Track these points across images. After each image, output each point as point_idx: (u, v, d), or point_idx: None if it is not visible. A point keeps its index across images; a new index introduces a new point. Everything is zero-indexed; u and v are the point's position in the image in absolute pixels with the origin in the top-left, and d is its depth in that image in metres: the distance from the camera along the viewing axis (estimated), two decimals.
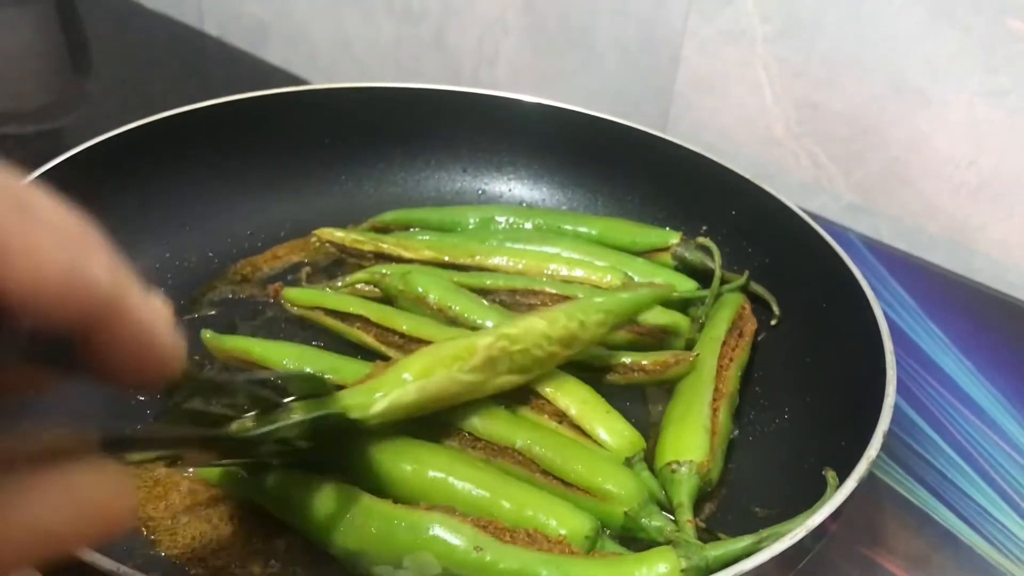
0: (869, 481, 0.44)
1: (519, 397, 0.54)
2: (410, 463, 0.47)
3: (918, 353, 0.67)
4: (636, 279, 0.63)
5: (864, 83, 0.77)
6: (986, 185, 0.74)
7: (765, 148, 0.83)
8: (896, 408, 0.47)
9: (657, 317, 0.59)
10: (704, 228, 0.67)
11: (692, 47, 0.84)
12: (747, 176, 0.65)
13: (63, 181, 0.60)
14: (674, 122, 0.87)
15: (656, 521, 0.47)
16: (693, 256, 0.65)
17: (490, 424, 0.51)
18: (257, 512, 0.48)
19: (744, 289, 0.63)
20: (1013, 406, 0.63)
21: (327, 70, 1.09)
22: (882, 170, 0.79)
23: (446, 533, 0.43)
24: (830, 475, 0.46)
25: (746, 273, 0.63)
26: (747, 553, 0.42)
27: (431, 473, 0.46)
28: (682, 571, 0.42)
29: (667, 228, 0.67)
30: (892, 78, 0.75)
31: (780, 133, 0.82)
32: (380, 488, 0.47)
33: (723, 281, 0.63)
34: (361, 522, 0.44)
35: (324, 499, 0.45)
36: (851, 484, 0.43)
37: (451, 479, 0.46)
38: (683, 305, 0.63)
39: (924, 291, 0.72)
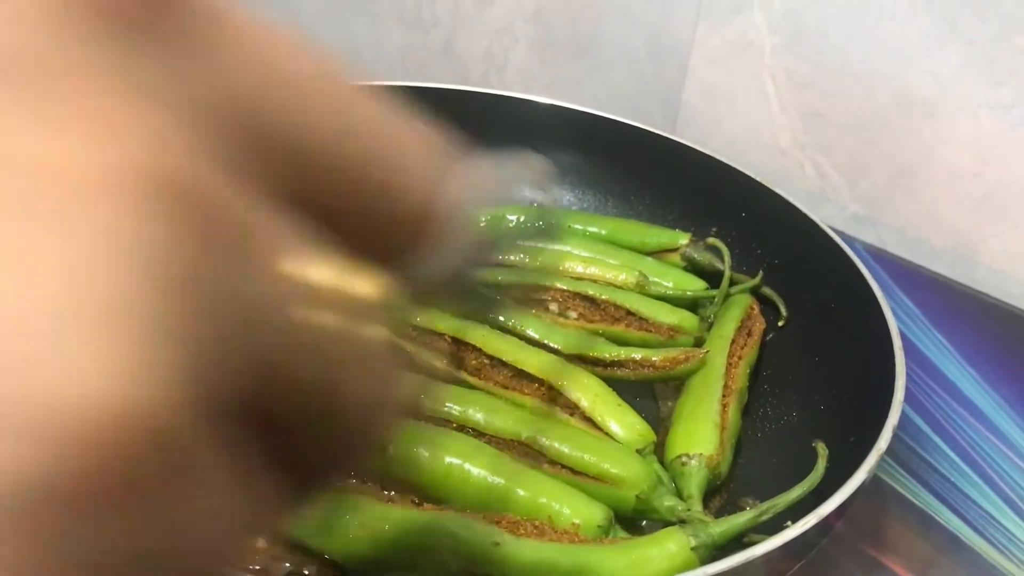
0: (875, 483, 0.45)
1: (531, 390, 0.54)
2: (427, 448, 0.47)
3: (922, 360, 0.67)
4: (649, 278, 0.63)
5: (870, 95, 0.78)
6: (990, 197, 0.75)
7: (771, 158, 0.84)
8: (902, 413, 0.48)
9: (666, 316, 0.60)
10: (714, 229, 0.68)
11: (700, 57, 0.85)
12: (758, 179, 0.66)
13: None
14: (681, 131, 0.88)
15: (668, 501, 0.48)
16: (702, 257, 0.66)
17: (495, 419, 0.51)
18: None
19: (754, 290, 0.64)
20: (1016, 412, 0.64)
21: None
22: (887, 181, 0.79)
23: (463, 531, 0.42)
24: (819, 446, 0.47)
25: (759, 274, 0.64)
26: (749, 527, 0.44)
27: (448, 459, 0.47)
28: (692, 548, 0.43)
29: (677, 229, 0.68)
30: (897, 90, 0.76)
31: (786, 143, 0.83)
32: (394, 474, 0.48)
33: (732, 282, 0.64)
34: (371, 527, 0.43)
35: (329, 507, 0.44)
36: (861, 475, 0.43)
37: (467, 466, 0.47)
38: (692, 305, 0.63)
39: (928, 300, 0.73)
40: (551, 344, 0.57)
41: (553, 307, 0.61)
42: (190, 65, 0.15)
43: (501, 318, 0.59)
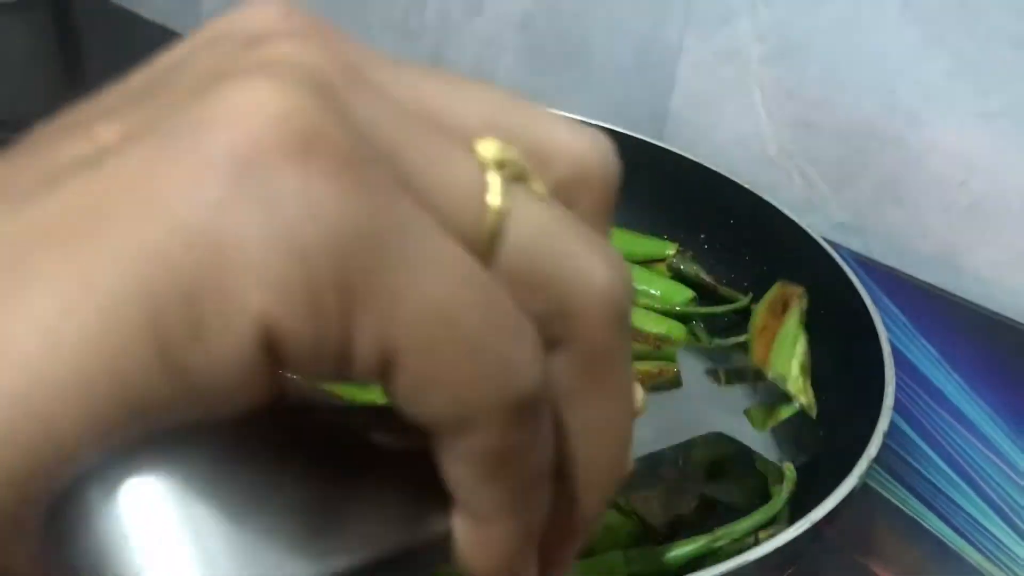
0: (863, 490, 0.45)
1: None
2: None
3: (910, 367, 0.67)
4: (636, 287, 0.64)
5: (857, 104, 0.78)
6: (975, 206, 0.75)
7: (759, 167, 0.85)
8: (890, 420, 0.48)
9: (653, 325, 0.60)
10: (702, 236, 0.68)
11: (688, 66, 0.85)
12: (747, 186, 0.66)
13: None
14: (669, 140, 0.88)
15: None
16: (689, 268, 0.66)
17: None
18: None
19: (754, 301, 0.64)
20: (1002, 419, 0.64)
21: None
22: (874, 190, 0.80)
23: None
24: (787, 468, 0.48)
25: (749, 295, 0.65)
26: (701, 553, 0.43)
27: None
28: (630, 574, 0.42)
29: (665, 238, 0.68)
30: (884, 100, 0.76)
31: (773, 152, 0.84)
32: None
33: (726, 300, 0.64)
34: None
35: None
36: (851, 482, 0.43)
37: None
38: (680, 314, 0.63)
39: (915, 308, 0.73)
40: None
41: None
42: None
43: None
